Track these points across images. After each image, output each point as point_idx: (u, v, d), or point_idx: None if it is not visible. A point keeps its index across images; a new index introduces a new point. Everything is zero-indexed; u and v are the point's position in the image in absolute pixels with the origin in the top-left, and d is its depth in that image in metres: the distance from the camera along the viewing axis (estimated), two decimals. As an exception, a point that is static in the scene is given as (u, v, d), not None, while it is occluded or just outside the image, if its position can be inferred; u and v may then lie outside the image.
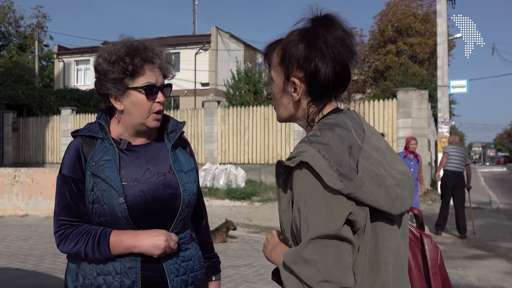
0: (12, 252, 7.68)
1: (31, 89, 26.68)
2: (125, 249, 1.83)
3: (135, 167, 1.91)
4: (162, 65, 1.93)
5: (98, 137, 1.93)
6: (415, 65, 33.92)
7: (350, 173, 1.32)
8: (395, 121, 16.43)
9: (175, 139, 2.01)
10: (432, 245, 1.62)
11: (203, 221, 2.23)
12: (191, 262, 1.99)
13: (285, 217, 1.45)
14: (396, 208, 1.41)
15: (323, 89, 1.48)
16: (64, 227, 1.88)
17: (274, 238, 1.60)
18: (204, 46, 36.14)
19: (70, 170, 1.89)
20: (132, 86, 1.87)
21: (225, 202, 15.27)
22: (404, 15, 36.61)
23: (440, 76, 17.11)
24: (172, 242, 1.86)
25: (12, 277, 6.16)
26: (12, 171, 12.37)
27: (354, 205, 1.32)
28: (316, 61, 1.44)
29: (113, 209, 1.82)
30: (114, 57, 1.86)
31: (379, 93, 29.18)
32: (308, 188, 1.32)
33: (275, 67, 1.55)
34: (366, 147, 1.41)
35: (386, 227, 1.42)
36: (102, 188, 1.83)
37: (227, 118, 19.17)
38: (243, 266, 6.87)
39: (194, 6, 46.27)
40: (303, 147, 1.37)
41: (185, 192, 1.93)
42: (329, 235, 1.27)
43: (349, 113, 1.53)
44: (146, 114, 1.90)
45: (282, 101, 1.56)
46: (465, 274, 6.65)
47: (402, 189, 1.45)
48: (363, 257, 1.35)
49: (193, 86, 35.69)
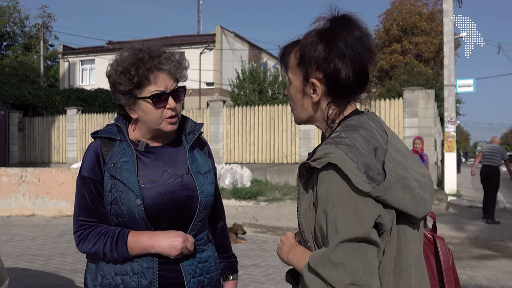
0: (20, 252, 7.69)
1: (37, 89, 26.74)
2: (143, 250, 1.84)
3: (153, 168, 1.92)
4: (171, 69, 1.91)
5: (116, 139, 1.94)
6: (420, 64, 33.86)
7: (377, 176, 1.32)
8: (401, 120, 16.37)
9: (193, 141, 2.02)
10: (445, 248, 1.62)
11: (221, 222, 2.23)
12: (207, 264, 2.00)
13: (306, 219, 1.44)
14: (421, 211, 1.40)
15: (343, 90, 1.46)
16: (83, 227, 1.91)
17: (289, 240, 1.58)
18: (209, 45, 36.13)
19: (89, 171, 1.91)
20: (140, 96, 1.88)
21: (231, 202, 15.26)
22: (409, 14, 36.54)
23: (447, 75, 17.04)
24: (189, 243, 1.88)
25: (19, 277, 6.17)
26: (19, 171, 12.39)
27: (381, 207, 1.31)
28: (336, 62, 1.43)
29: (131, 210, 1.83)
30: (121, 68, 1.87)
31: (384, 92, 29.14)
32: (335, 190, 1.31)
33: (293, 69, 1.54)
34: (390, 149, 1.40)
35: (408, 230, 1.41)
36: (120, 190, 1.84)
37: (232, 118, 19.15)
38: (250, 266, 6.86)
39: (199, 6, 46.37)
40: (329, 148, 1.35)
41: (203, 194, 1.93)
42: (358, 238, 1.26)
43: (370, 114, 1.52)
44: (158, 121, 1.90)
45: (301, 103, 1.55)
46: (474, 275, 6.62)
47: (425, 192, 1.44)
48: (388, 260, 1.35)
49: (198, 86, 35.70)
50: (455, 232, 10.18)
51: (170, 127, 1.92)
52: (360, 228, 1.27)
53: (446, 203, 14.73)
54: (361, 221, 1.28)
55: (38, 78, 36.73)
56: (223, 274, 2.18)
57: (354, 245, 1.27)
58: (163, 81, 1.89)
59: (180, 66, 1.96)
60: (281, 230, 10.24)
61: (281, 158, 18.08)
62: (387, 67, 36.37)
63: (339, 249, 1.27)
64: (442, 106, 18.50)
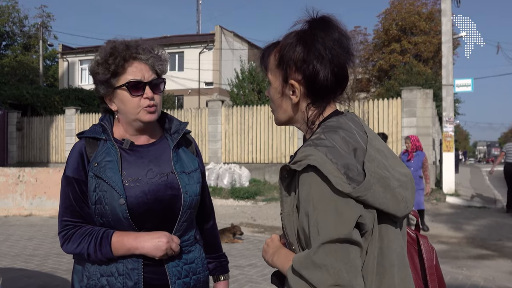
0: (16, 252, 7.68)
1: (36, 88, 26.75)
2: (127, 251, 1.84)
3: (138, 167, 1.92)
4: (149, 60, 1.93)
5: (101, 138, 1.94)
6: (419, 64, 33.85)
7: (357, 176, 1.32)
8: (400, 120, 16.37)
9: (177, 140, 2.02)
10: (428, 246, 1.63)
11: (211, 221, 2.23)
12: (194, 265, 1.99)
13: (289, 222, 1.45)
14: (402, 210, 1.41)
15: (322, 91, 1.47)
16: (67, 227, 1.91)
17: (274, 242, 1.58)
18: (208, 45, 36.17)
19: (73, 171, 1.91)
20: (118, 85, 1.90)
21: (229, 202, 15.26)
22: (409, 14, 36.54)
23: (445, 75, 17.03)
24: (174, 244, 1.87)
25: (15, 277, 6.15)
26: (16, 171, 12.38)
27: (362, 208, 1.31)
28: (314, 63, 1.44)
29: (115, 210, 1.83)
30: (99, 58, 1.91)
31: (383, 92, 29.15)
32: (316, 192, 1.32)
33: (273, 70, 1.54)
34: (370, 150, 1.41)
35: (390, 229, 1.42)
36: (103, 189, 1.84)
37: (231, 118, 19.15)
38: (247, 266, 6.86)
39: (198, 6, 46.38)
40: (309, 150, 1.36)
41: (187, 194, 1.93)
42: (340, 239, 1.27)
43: (350, 115, 1.53)
44: (136, 110, 1.91)
45: (281, 104, 1.55)
46: (471, 274, 6.61)
47: (406, 190, 1.45)
48: (371, 260, 1.35)
49: (197, 86, 35.70)
50: (453, 232, 10.18)
51: (148, 116, 1.92)
52: (342, 229, 1.27)
53: (444, 203, 14.72)
54: (343, 222, 1.28)
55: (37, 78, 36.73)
56: (213, 274, 2.18)
57: (336, 246, 1.27)
58: (140, 70, 1.91)
59: (160, 59, 1.98)
60: (278, 230, 10.18)
61: (280, 158, 18.06)
62: (386, 67, 36.37)
63: (321, 250, 1.27)
64: (441, 105, 18.48)
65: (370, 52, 38.85)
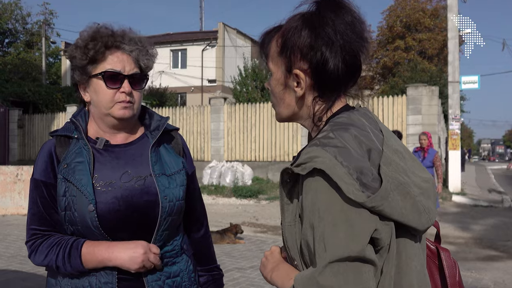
0: (12, 253, 7.52)
1: (38, 86, 26.68)
2: (99, 262, 1.62)
3: (112, 169, 1.70)
4: (133, 52, 1.72)
5: (73, 136, 1.72)
6: (424, 61, 33.58)
7: (372, 182, 1.11)
8: (405, 118, 16.15)
9: (157, 137, 1.78)
10: (451, 261, 1.43)
11: (202, 229, 1.99)
12: (178, 278, 1.76)
13: (291, 233, 1.25)
14: (423, 222, 1.20)
15: (331, 82, 1.26)
16: (34, 237, 1.70)
17: (274, 256, 1.38)
18: (211, 42, 36.01)
19: (41, 173, 1.70)
20: (94, 74, 1.69)
21: (232, 200, 15.10)
22: (413, 11, 36.27)
23: (451, 72, 16.80)
24: (152, 255, 1.64)
25: (10, 279, 6.02)
26: (15, 169, 12.21)
27: (378, 220, 1.11)
28: (323, 50, 1.22)
29: (84, 217, 1.61)
30: (79, 41, 1.70)
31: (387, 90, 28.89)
32: (323, 201, 1.11)
33: (274, 58, 1.33)
34: (386, 151, 1.19)
35: (409, 243, 1.21)
36: (73, 194, 1.63)
37: (233, 115, 18.97)
38: (248, 268, 6.67)
39: (201, 3, 46.09)
40: (315, 151, 1.14)
41: (165, 199, 1.70)
42: (351, 257, 1.07)
43: (362, 110, 1.31)
44: (109, 104, 1.69)
45: (283, 97, 1.34)
46: (480, 277, 6.42)
47: (428, 199, 1.23)
48: (387, 280, 1.15)
49: (200, 83, 35.55)
50: (460, 232, 9.98)
51: (122, 112, 1.69)
52: (353, 245, 1.07)
53: (450, 201, 14.53)
54: (354, 236, 1.08)
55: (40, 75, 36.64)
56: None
57: (346, 265, 1.07)
58: (121, 61, 1.70)
59: (146, 53, 1.76)
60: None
61: (283, 156, 17.87)
62: (390, 64, 36.11)
63: (328, 270, 1.07)
64: (446, 103, 18.26)
65: (374, 49, 38.55)
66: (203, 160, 19.19)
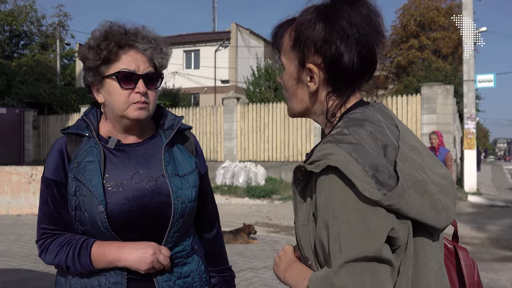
0: (26, 252, 7.56)
1: (52, 87, 26.94)
2: (109, 263, 1.60)
3: (123, 169, 1.66)
4: (147, 50, 1.68)
5: (84, 135, 1.69)
6: (438, 60, 33.33)
7: (388, 180, 1.07)
8: (419, 117, 16.00)
9: (170, 136, 1.74)
10: (469, 260, 1.37)
11: (214, 229, 1.96)
12: (189, 279, 1.73)
13: (305, 233, 1.22)
14: (442, 221, 1.16)
15: (346, 77, 1.22)
16: (44, 236, 1.69)
17: (288, 255, 1.34)
18: (224, 43, 36.07)
19: (52, 172, 1.67)
20: (107, 74, 1.65)
21: (245, 201, 15.07)
22: (427, 9, 36.03)
23: (466, 70, 16.63)
24: (162, 256, 1.61)
25: (24, 278, 6.05)
26: (29, 170, 12.28)
27: (394, 218, 1.07)
28: (338, 44, 1.19)
29: (94, 218, 1.59)
30: (92, 42, 1.66)
31: (401, 89, 28.70)
32: (338, 199, 1.07)
33: (287, 52, 1.29)
34: (403, 147, 1.15)
35: (427, 243, 1.17)
36: (83, 194, 1.60)
37: (246, 115, 18.95)
38: (261, 268, 6.62)
39: (214, 3, 46.18)
40: (330, 148, 1.11)
41: (178, 200, 1.66)
42: (367, 257, 1.03)
43: (378, 106, 1.27)
44: (124, 106, 1.65)
45: (295, 93, 1.30)
46: (497, 278, 6.32)
47: (446, 197, 1.19)
48: (404, 281, 1.11)
49: (213, 84, 35.61)
50: (476, 232, 9.85)
51: (137, 113, 1.65)
52: (369, 245, 1.04)
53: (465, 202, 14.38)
54: (370, 236, 1.04)
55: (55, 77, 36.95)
56: None
57: (362, 265, 1.04)
58: (135, 60, 1.66)
59: (161, 51, 1.72)
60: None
61: (296, 156, 17.81)
62: (404, 63, 35.88)
63: (343, 271, 1.04)
64: (461, 102, 18.09)
65: (387, 48, 38.35)
66: (216, 160, 19.19)
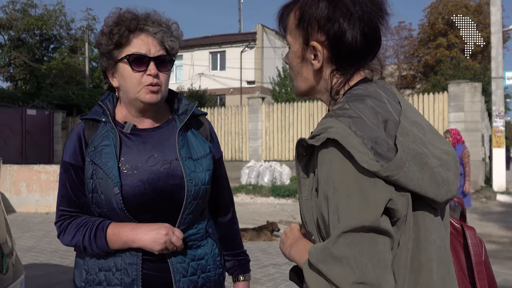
0: (54, 248, 7.74)
1: (81, 89, 27.41)
2: (124, 243, 1.64)
3: (138, 153, 1.71)
4: (158, 34, 1.72)
5: (101, 120, 1.74)
6: (467, 59, 32.74)
7: (387, 152, 1.08)
8: (446, 115, 15.77)
9: (184, 121, 1.78)
10: (476, 239, 1.37)
11: (229, 214, 1.99)
12: (203, 261, 1.77)
13: (308, 208, 1.23)
14: (442, 194, 1.15)
15: (349, 55, 1.23)
16: (62, 217, 1.74)
17: (293, 232, 1.37)
18: (250, 44, 36.12)
19: (70, 156, 1.73)
20: (120, 58, 1.70)
21: (270, 200, 15.08)
22: (456, 7, 35.42)
23: (494, 67, 16.33)
24: (174, 237, 1.65)
25: (51, 273, 6.21)
26: (57, 168, 12.49)
27: (393, 190, 1.07)
28: (340, 21, 1.20)
29: (109, 200, 1.64)
30: (105, 28, 1.71)
31: (429, 88, 28.32)
32: (337, 171, 1.08)
33: (292, 31, 1.31)
34: (404, 122, 1.16)
35: (428, 217, 1.17)
36: (99, 176, 1.65)
37: (271, 115, 18.96)
38: (284, 264, 6.64)
39: (240, 5, 46.33)
40: (330, 122, 1.12)
41: (191, 182, 1.70)
42: (365, 227, 1.04)
43: (380, 83, 1.27)
44: (137, 88, 1.69)
45: (300, 71, 1.32)
46: (525, 276, 6.19)
47: (448, 171, 1.19)
48: (404, 252, 1.11)
49: (239, 85, 35.70)
50: (504, 231, 9.68)
51: (149, 96, 1.70)
52: (367, 214, 1.04)
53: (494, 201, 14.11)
54: (368, 206, 1.05)
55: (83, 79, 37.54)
56: (232, 274, 1.97)
57: (360, 236, 1.04)
58: (146, 44, 1.70)
59: (171, 34, 1.76)
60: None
61: (321, 155, 17.72)
62: (432, 62, 35.38)
63: (342, 240, 1.05)
64: (490, 101, 17.75)
65: (415, 47, 37.87)
66: (241, 160, 19.25)
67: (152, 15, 1.76)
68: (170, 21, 1.79)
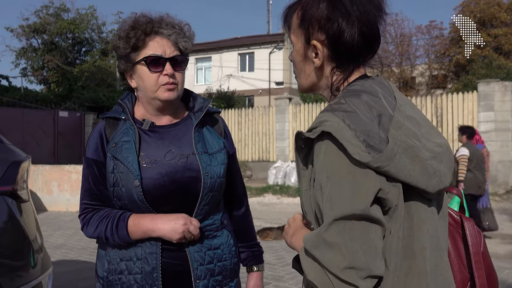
0: (83, 245, 7.92)
1: (112, 91, 27.94)
2: (144, 233, 1.75)
3: (157, 148, 1.82)
4: (172, 35, 1.83)
5: (121, 118, 1.86)
6: (500, 57, 32.11)
7: (379, 145, 1.14)
8: (476, 115, 15.54)
9: (199, 118, 1.89)
10: (474, 230, 1.41)
11: (242, 207, 2.09)
12: (219, 251, 1.87)
13: (307, 198, 1.29)
14: (434, 185, 1.21)
15: (348, 53, 1.30)
16: (86, 210, 1.86)
17: (296, 222, 1.43)
18: (278, 45, 36.15)
19: (92, 152, 1.85)
20: (137, 60, 1.81)
21: (296, 200, 15.09)
22: (488, 5, 34.78)
23: (526, 66, 16.00)
24: (192, 226, 1.75)
25: (80, 269, 6.37)
26: (87, 168, 12.77)
27: (384, 180, 1.14)
28: (339, 21, 1.27)
29: (130, 192, 1.75)
30: (121, 32, 1.83)
31: (460, 88, 27.87)
32: (331, 162, 1.15)
33: (295, 30, 1.39)
34: (397, 116, 1.22)
35: (421, 207, 1.22)
36: (120, 171, 1.77)
37: (298, 115, 18.98)
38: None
39: (269, 6, 46.41)
40: (325, 116, 1.20)
41: (207, 175, 1.81)
42: (356, 215, 1.10)
43: (378, 79, 1.34)
44: (154, 88, 1.80)
45: (303, 68, 1.40)
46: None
47: (440, 163, 1.24)
48: (395, 240, 1.16)
49: (268, 86, 35.78)
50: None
51: (167, 94, 1.81)
52: (357, 203, 1.11)
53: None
54: (359, 195, 1.11)
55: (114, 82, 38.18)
56: (246, 264, 2.06)
57: (352, 223, 1.11)
58: (161, 46, 1.81)
59: (184, 35, 1.87)
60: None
61: (349, 156, 17.64)
62: (463, 61, 34.80)
63: (333, 227, 1.11)
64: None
65: (446, 46, 37.31)
66: (268, 161, 19.31)
67: (166, 18, 1.87)
68: (182, 23, 1.90)
